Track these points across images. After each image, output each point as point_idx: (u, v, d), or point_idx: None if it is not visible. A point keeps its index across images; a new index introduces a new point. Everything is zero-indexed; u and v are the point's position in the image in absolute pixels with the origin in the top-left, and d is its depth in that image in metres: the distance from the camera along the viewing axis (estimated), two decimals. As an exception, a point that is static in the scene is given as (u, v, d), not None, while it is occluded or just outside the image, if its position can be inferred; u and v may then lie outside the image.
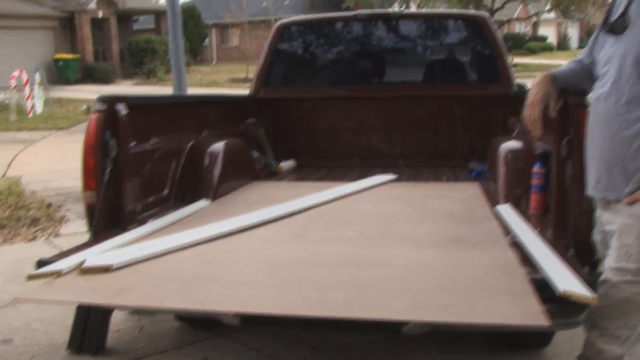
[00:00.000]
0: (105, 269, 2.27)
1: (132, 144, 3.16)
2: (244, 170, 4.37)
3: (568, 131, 2.66)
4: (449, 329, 2.59)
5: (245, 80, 29.68)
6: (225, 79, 29.75)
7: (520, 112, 4.61)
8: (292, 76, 5.49)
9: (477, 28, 5.15)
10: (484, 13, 5.43)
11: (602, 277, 2.29)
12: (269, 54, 5.29)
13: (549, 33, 54.61)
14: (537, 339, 3.30)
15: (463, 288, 2.11)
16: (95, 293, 2.13)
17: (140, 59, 29.94)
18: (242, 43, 39.12)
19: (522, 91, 4.98)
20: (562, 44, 54.81)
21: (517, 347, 3.40)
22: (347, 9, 37.63)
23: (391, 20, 5.34)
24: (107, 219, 2.97)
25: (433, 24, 5.44)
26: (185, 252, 2.58)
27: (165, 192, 3.62)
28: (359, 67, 5.51)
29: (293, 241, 2.81)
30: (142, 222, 3.14)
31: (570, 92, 2.63)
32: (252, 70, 30.63)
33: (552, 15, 50.42)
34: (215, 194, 3.75)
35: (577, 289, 1.99)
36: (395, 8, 39.29)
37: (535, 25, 53.54)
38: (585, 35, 59.87)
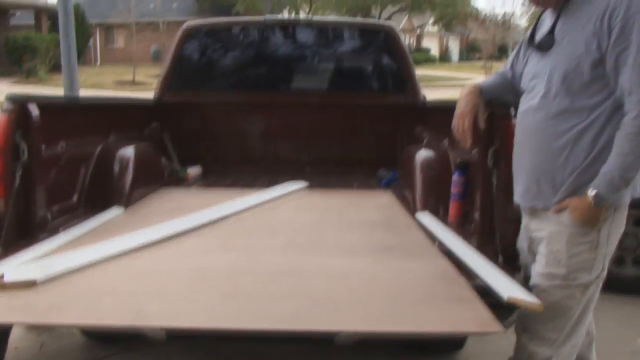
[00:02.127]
0: (30, 284, 2.10)
1: (43, 147, 2.97)
2: (154, 177, 4.22)
3: (494, 141, 2.73)
4: (377, 338, 2.58)
5: (133, 83, 28.87)
6: (111, 81, 28.80)
7: (425, 121, 4.78)
8: (197, 80, 5.35)
9: (384, 38, 5.24)
10: (391, 23, 5.52)
11: (532, 282, 2.37)
12: (174, 58, 5.13)
13: (432, 45, 56.63)
14: (452, 342, 3.37)
15: (409, 296, 2.11)
16: (23, 311, 1.95)
17: (18, 57, 28.41)
18: (128, 45, 38.00)
19: (427, 101, 5.14)
20: (444, 57, 56.94)
21: (431, 351, 3.46)
22: (237, 14, 37.47)
23: (299, 27, 5.32)
24: (16, 228, 2.77)
25: (341, 32, 5.48)
26: (111, 263, 2.43)
27: (75, 198, 3.43)
28: (266, 73, 5.46)
29: (223, 251, 2.72)
30: (53, 230, 2.96)
31: (496, 104, 2.71)
32: (139, 73, 29.95)
33: (435, 28, 52.44)
34: (127, 201, 3.60)
35: (521, 296, 2.04)
36: (285, 15, 39.55)
37: (420, 38, 55.36)
38: (465, 48, 62.66)
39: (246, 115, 5.20)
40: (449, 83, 31.24)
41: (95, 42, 40.78)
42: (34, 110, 2.88)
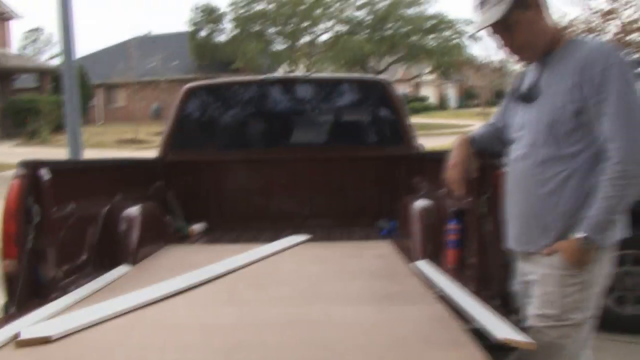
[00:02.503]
0: (45, 341, 2.20)
1: (54, 210, 3.10)
2: (159, 234, 4.34)
3: (486, 190, 2.86)
4: None
5: (134, 141, 29.17)
6: (113, 140, 29.13)
7: (422, 171, 4.91)
8: (199, 139, 5.53)
9: (379, 92, 5.42)
10: (386, 78, 5.71)
11: (528, 323, 2.46)
12: (176, 117, 5.30)
13: (430, 93, 57.35)
14: None
15: (409, 343, 2.21)
16: None
17: (22, 119, 28.87)
18: (129, 103, 38.56)
19: (423, 151, 5.29)
20: (442, 104, 57.60)
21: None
22: (237, 70, 38.14)
23: (298, 84, 5.52)
24: (28, 288, 2.87)
25: (338, 87, 5.67)
26: (122, 319, 2.53)
27: (84, 257, 3.54)
28: (266, 130, 5.63)
29: (229, 304, 2.82)
30: (64, 289, 3.06)
31: (488, 154, 2.84)
32: (140, 131, 30.30)
33: (432, 77, 53.16)
34: (134, 259, 3.70)
35: (515, 336, 2.14)
36: (283, 69, 40.24)
37: (417, 87, 56.13)
38: (464, 95, 63.34)
39: (248, 171, 5.35)
40: (448, 131, 31.56)
41: (98, 101, 41.42)
42: (46, 174, 3.01)
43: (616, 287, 4.52)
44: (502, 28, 2.45)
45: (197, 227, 5.04)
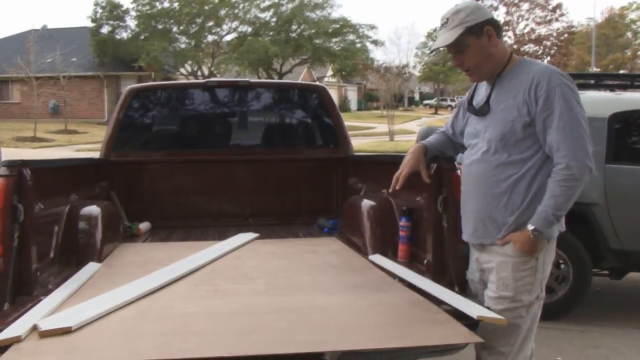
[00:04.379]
0: (66, 331, 2.35)
1: (35, 208, 3.23)
2: (116, 233, 4.47)
3: (442, 190, 3.24)
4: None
5: (33, 139, 28.20)
6: (10, 137, 28.03)
7: (357, 172, 5.28)
8: (141, 140, 5.66)
9: (317, 97, 5.76)
10: (322, 85, 6.06)
11: (486, 305, 2.85)
12: (118, 118, 5.42)
13: (332, 95, 58.14)
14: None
15: (399, 321, 2.56)
16: (76, 353, 2.21)
17: None
18: (25, 100, 37.17)
19: (358, 154, 5.66)
20: (343, 106, 58.66)
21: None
22: (140, 68, 37.52)
23: (238, 89, 5.75)
24: (17, 285, 3.00)
25: (277, 92, 5.96)
26: (127, 309, 2.72)
27: (52, 255, 3.65)
28: (207, 132, 5.83)
29: (218, 296, 3.04)
30: (43, 286, 3.18)
31: (443, 159, 3.23)
32: (38, 129, 29.32)
33: (333, 79, 54.11)
34: (99, 257, 3.84)
35: (488, 314, 2.52)
36: (187, 69, 39.82)
37: (319, 89, 56.67)
38: (363, 98, 64.73)
39: (190, 172, 5.53)
40: (352, 132, 32.31)
41: (-11, 97, 39.65)
42: (28, 174, 3.14)
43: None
44: (455, 50, 2.86)
45: (143, 226, 5.18)
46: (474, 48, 2.82)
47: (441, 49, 2.89)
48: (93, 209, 4.05)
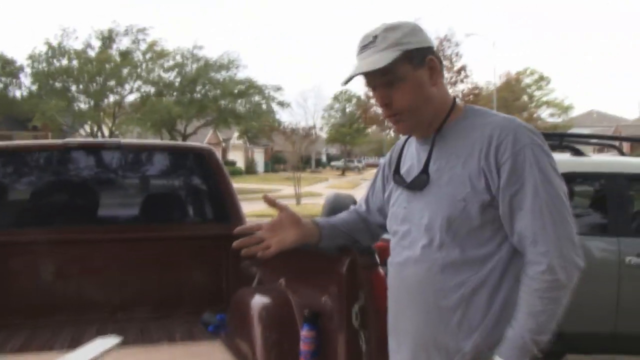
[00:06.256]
0: None
1: None
2: None
3: (358, 296, 2.28)
4: None
5: None
6: None
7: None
8: None
9: (200, 161, 4.76)
10: (207, 146, 5.07)
11: None
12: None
13: (238, 158, 57.49)
14: None
15: None
16: None
17: None
18: None
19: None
20: (250, 168, 57.94)
21: None
22: (35, 128, 35.43)
23: (107, 151, 4.68)
24: None
25: (153, 155, 4.92)
26: None
27: None
28: (67, 204, 4.72)
29: None
30: None
31: (357, 250, 2.27)
32: None
33: (239, 141, 53.40)
34: None
35: None
36: (84, 132, 38.09)
37: (225, 151, 55.97)
38: (270, 160, 64.33)
39: (44, 254, 4.36)
40: (257, 196, 31.36)
41: None
42: None
43: None
44: (383, 82, 1.92)
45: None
46: (410, 83, 1.90)
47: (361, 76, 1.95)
48: None
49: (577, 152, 5.63)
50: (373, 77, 1.92)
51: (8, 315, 4.17)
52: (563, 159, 5.37)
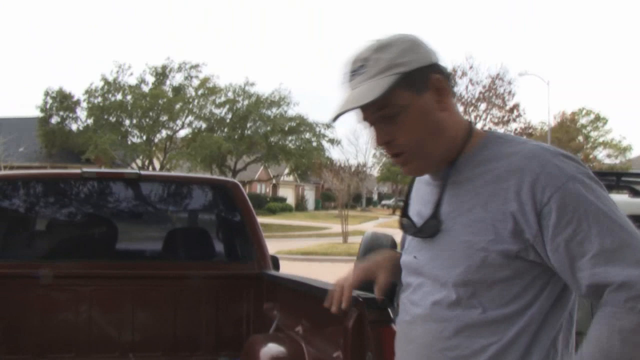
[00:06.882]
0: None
1: None
2: None
3: (365, 353, 1.91)
4: None
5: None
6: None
7: (274, 297, 3.97)
8: None
9: (225, 195, 4.46)
10: (233, 180, 4.79)
11: None
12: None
13: (288, 194, 57.56)
14: None
15: None
16: None
17: None
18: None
19: (276, 273, 4.31)
20: (300, 205, 57.90)
21: None
22: (88, 161, 36.15)
23: (127, 183, 4.43)
24: None
25: (176, 188, 4.65)
26: None
27: None
28: (83, 238, 4.48)
29: None
30: None
31: (367, 301, 1.90)
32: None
33: (290, 178, 53.53)
34: None
35: None
36: (135, 165, 38.68)
37: (275, 187, 56.16)
38: (320, 197, 64.32)
39: (55, 290, 4.12)
40: (305, 233, 31.19)
41: None
42: None
43: None
44: (379, 116, 1.55)
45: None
46: (414, 113, 1.53)
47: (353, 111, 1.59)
48: None
49: (636, 193, 5.15)
50: (367, 112, 1.56)
51: (16, 353, 3.93)
52: (620, 200, 4.90)
